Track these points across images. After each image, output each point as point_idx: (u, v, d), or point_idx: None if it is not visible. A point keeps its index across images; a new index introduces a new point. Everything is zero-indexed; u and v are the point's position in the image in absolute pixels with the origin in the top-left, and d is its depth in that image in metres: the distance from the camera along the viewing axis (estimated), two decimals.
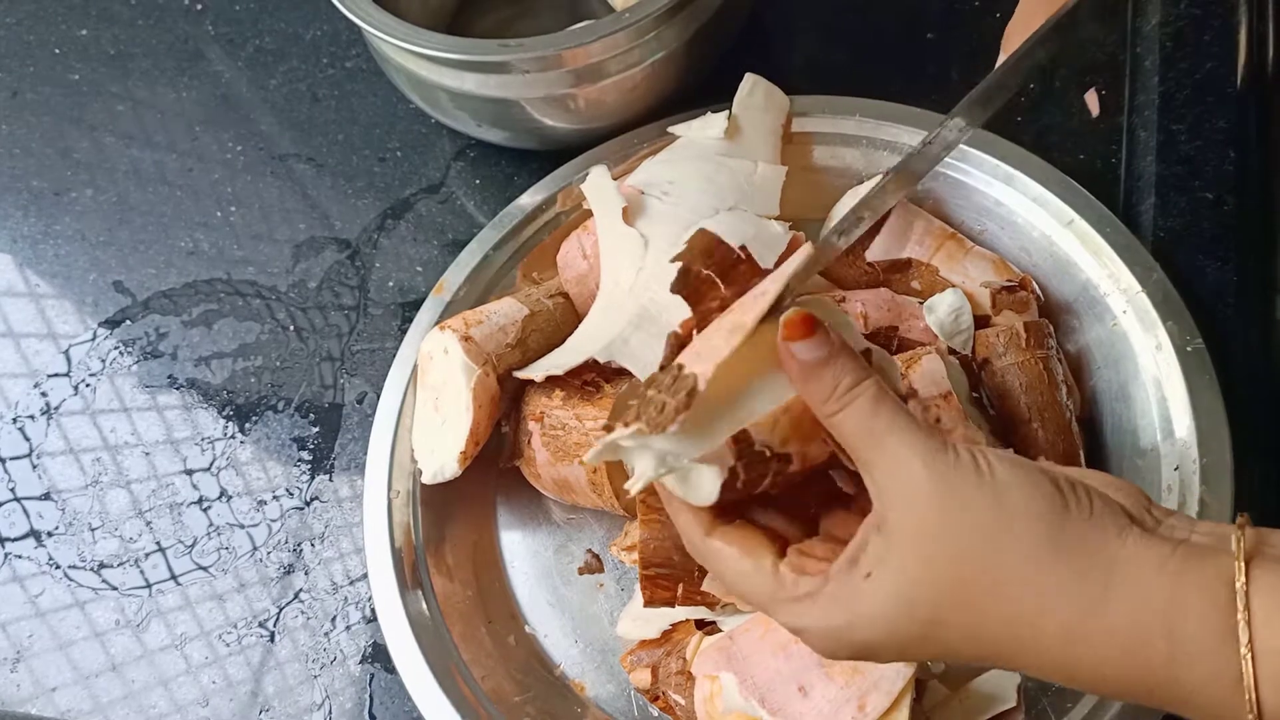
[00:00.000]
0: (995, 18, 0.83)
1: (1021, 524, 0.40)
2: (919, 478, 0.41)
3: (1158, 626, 0.38)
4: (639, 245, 0.66)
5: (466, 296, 0.72)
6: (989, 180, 0.70)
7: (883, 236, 0.69)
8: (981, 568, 0.40)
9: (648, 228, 0.67)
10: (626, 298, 0.65)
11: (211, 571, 0.71)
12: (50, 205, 0.87)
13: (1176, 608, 0.38)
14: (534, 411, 0.65)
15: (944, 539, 0.41)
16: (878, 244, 0.69)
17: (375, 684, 0.66)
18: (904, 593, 0.41)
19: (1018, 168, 0.69)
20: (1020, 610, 0.40)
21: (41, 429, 0.77)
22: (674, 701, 0.60)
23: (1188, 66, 0.75)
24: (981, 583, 0.40)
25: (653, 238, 0.66)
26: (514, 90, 0.73)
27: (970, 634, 0.41)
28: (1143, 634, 0.39)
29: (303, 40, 0.93)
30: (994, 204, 0.70)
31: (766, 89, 0.73)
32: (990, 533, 0.40)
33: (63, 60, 0.95)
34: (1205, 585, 0.38)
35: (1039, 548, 0.40)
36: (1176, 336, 0.63)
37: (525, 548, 0.69)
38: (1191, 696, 0.39)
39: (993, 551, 0.40)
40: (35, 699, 0.68)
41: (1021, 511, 0.40)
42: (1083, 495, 0.41)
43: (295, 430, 0.75)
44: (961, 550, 0.40)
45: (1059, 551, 0.40)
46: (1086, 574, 0.39)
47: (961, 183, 0.71)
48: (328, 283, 0.81)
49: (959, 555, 0.40)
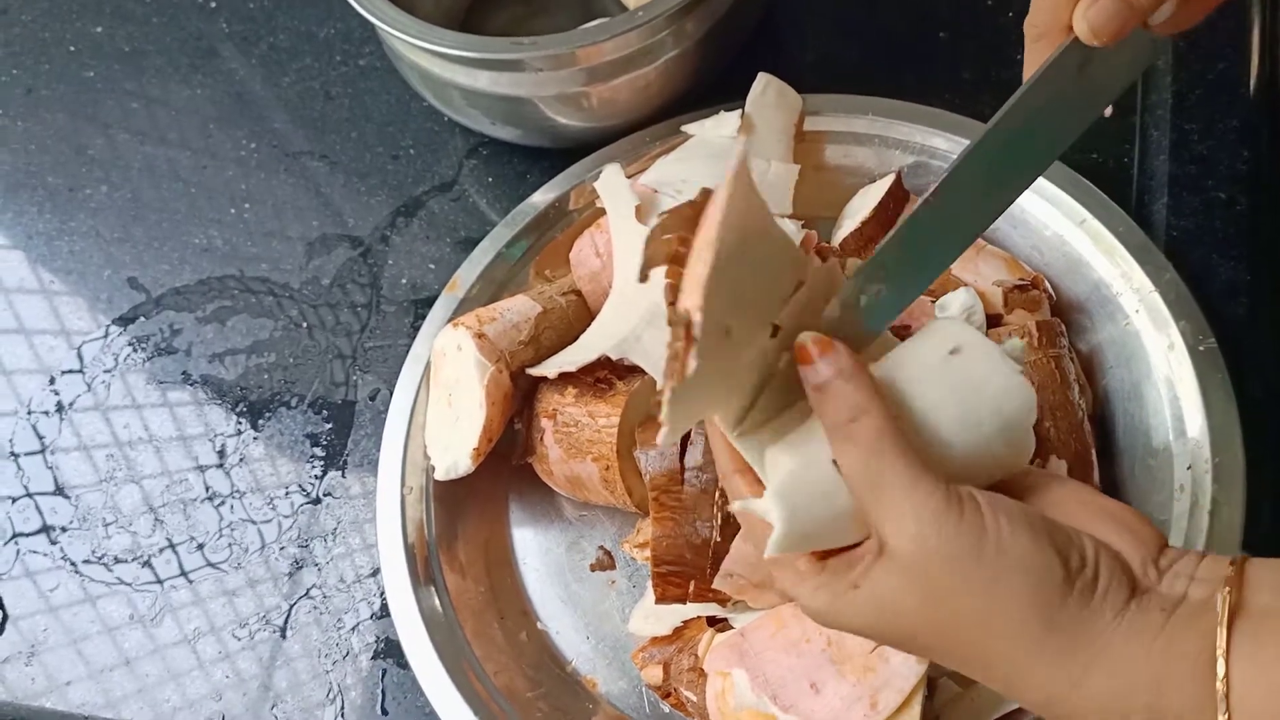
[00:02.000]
0: (1008, 16, 0.83)
1: (1016, 608, 0.40)
2: (917, 541, 0.40)
3: (1139, 702, 0.39)
4: None
5: (480, 294, 0.72)
6: None
7: None
8: (969, 640, 0.41)
9: None
10: (639, 295, 0.65)
11: (223, 567, 0.71)
12: (65, 202, 0.88)
13: (1160, 682, 0.39)
14: (546, 408, 0.65)
15: (934, 604, 0.41)
16: None
17: (387, 679, 0.66)
18: (884, 618, 0.42)
19: None
20: (1002, 674, 0.41)
21: (55, 425, 0.78)
22: (686, 698, 0.60)
23: (1200, 66, 0.75)
24: (966, 651, 0.41)
25: None
26: (527, 88, 0.73)
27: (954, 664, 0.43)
28: (1123, 708, 0.39)
29: (316, 38, 0.93)
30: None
31: (779, 88, 0.74)
32: (983, 616, 0.40)
33: (77, 57, 0.95)
34: (1189, 655, 0.38)
35: (1029, 626, 0.40)
36: (1189, 336, 0.63)
37: (537, 544, 0.69)
38: None
39: (983, 635, 0.41)
40: (49, 693, 0.69)
41: (1019, 593, 0.40)
42: (1090, 570, 0.40)
43: (308, 427, 0.75)
44: (951, 617, 0.41)
45: (1050, 631, 0.40)
46: (1074, 654, 0.40)
47: None
48: (340, 280, 0.81)
49: (948, 623, 0.41)
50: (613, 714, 0.63)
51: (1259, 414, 0.61)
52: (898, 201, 0.69)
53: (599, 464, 0.62)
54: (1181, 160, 0.72)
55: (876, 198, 0.69)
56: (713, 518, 0.57)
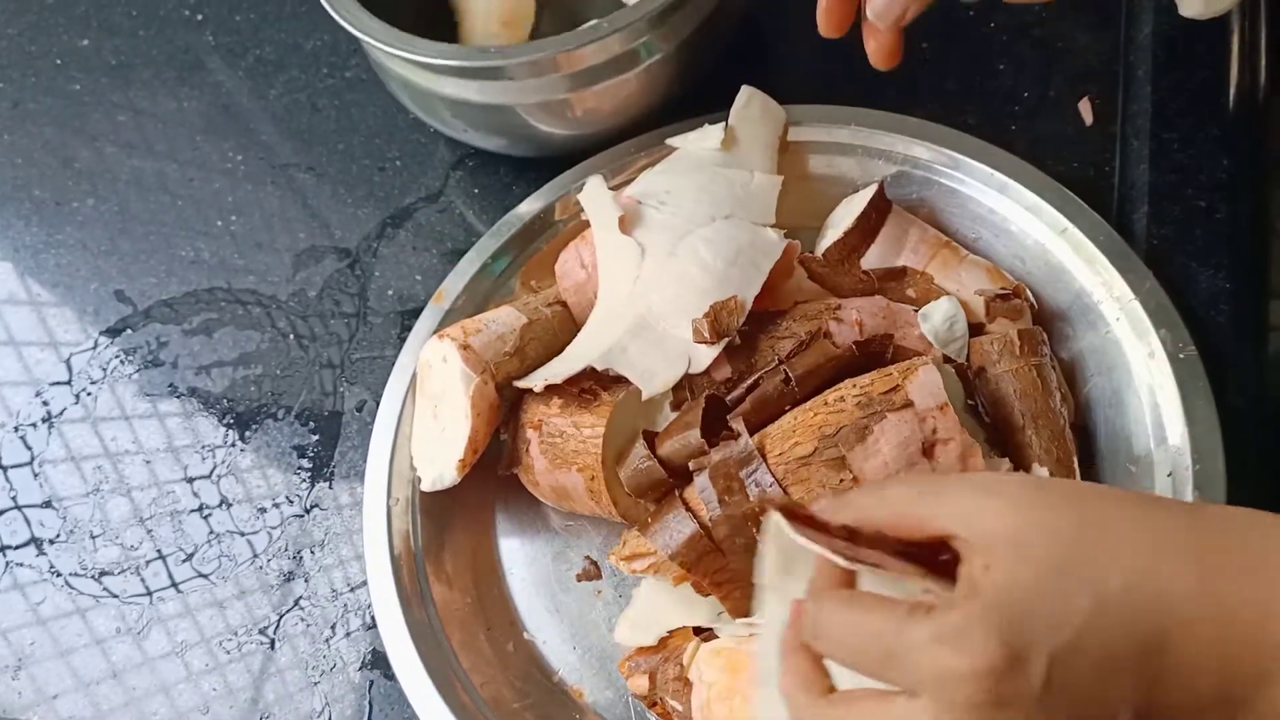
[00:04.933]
0: (990, 27, 0.84)
1: (1162, 514, 0.40)
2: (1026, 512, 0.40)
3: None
4: (636, 254, 0.67)
5: (465, 305, 0.72)
6: (983, 189, 0.71)
7: (878, 245, 0.69)
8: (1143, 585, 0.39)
9: (644, 236, 0.67)
10: (624, 306, 0.66)
11: (212, 579, 0.71)
12: (52, 215, 0.88)
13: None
14: (532, 419, 0.65)
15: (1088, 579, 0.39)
16: (873, 252, 0.69)
17: (375, 691, 0.66)
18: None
19: (1012, 176, 0.70)
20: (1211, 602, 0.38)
21: (43, 437, 0.78)
22: (671, 707, 0.60)
23: (1180, 75, 0.76)
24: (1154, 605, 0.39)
25: (649, 246, 0.67)
26: (509, 96, 0.74)
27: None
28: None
29: (302, 50, 0.94)
30: (988, 212, 0.71)
31: (763, 101, 0.74)
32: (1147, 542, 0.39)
33: (64, 71, 0.95)
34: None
35: (1178, 530, 0.40)
36: (1169, 344, 0.63)
37: (524, 554, 0.70)
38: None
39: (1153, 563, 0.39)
40: (37, 706, 0.69)
41: (1138, 507, 0.40)
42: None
43: (295, 438, 0.76)
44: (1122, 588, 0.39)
45: (1194, 525, 0.40)
46: (1224, 535, 0.39)
47: (956, 191, 0.72)
48: (328, 291, 0.81)
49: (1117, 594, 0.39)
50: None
51: (1239, 421, 0.62)
52: (880, 211, 0.70)
53: (584, 474, 0.63)
54: (1162, 169, 0.72)
55: (859, 207, 0.69)
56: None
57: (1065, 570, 0.38)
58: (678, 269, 0.66)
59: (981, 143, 0.71)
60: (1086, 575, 0.38)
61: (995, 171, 0.70)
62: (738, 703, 0.56)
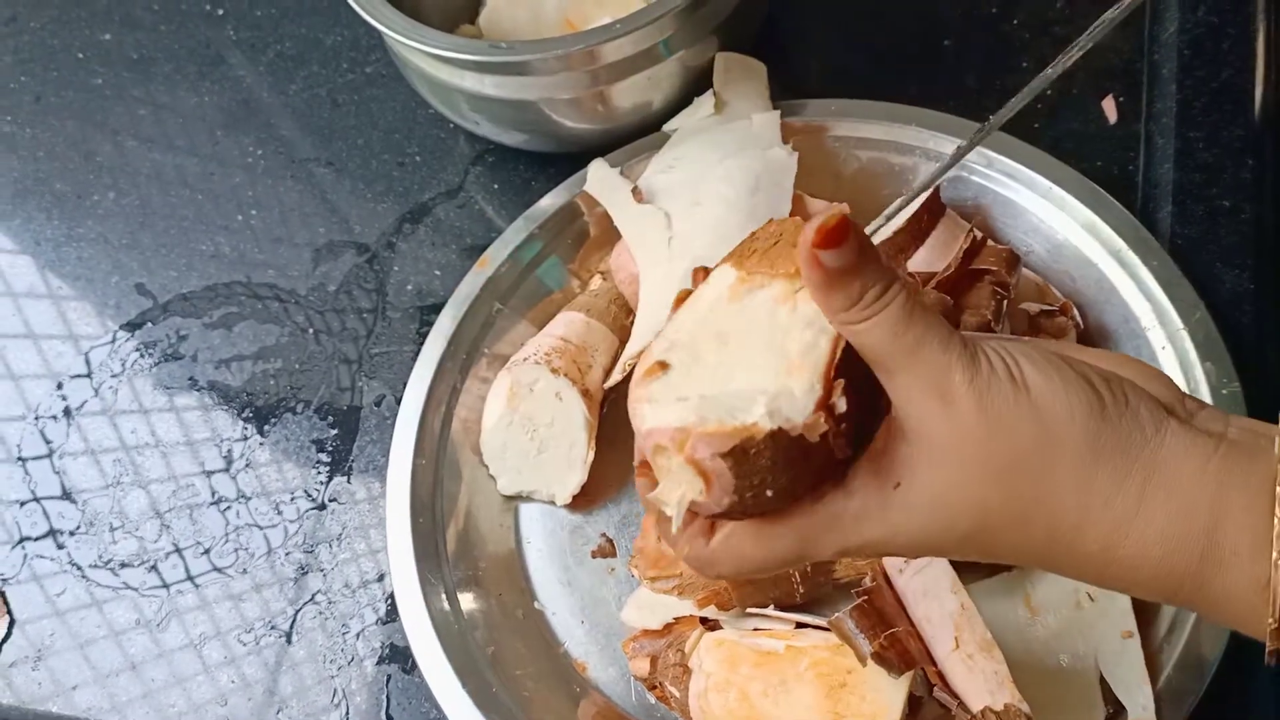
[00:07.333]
0: (1012, 24, 0.84)
1: (1064, 432, 0.39)
2: (957, 391, 0.40)
3: (1197, 530, 0.38)
4: (661, 218, 0.69)
5: (509, 272, 0.73)
6: (1042, 202, 0.70)
7: (926, 249, 0.68)
8: (1031, 480, 0.40)
9: (664, 202, 0.70)
10: (668, 269, 0.67)
11: (229, 572, 0.72)
12: (73, 208, 0.88)
13: (1218, 512, 0.38)
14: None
15: (988, 455, 0.40)
16: (920, 256, 0.68)
17: (392, 685, 0.66)
18: (941, 499, 0.41)
19: (1071, 192, 0.69)
20: (1064, 519, 0.40)
21: (62, 430, 0.78)
22: (669, 692, 0.60)
23: (1205, 74, 0.75)
24: (1029, 495, 0.40)
25: (672, 208, 0.69)
26: (532, 91, 0.74)
27: (1015, 544, 0.41)
28: (1181, 537, 0.38)
29: (323, 45, 0.94)
30: (1039, 222, 0.70)
31: (740, 60, 0.76)
32: (1037, 446, 0.39)
33: (86, 65, 0.96)
34: (1246, 487, 0.38)
35: (1081, 454, 0.39)
36: (1213, 377, 0.62)
37: (542, 525, 0.70)
38: (1218, 599, 0.39)
39: (1040, 465, 0.40)
40: (55, 697, 0.69)
41: (1063, 420, 0.39)
42: (1118, 391, 0.40)
43: (313, 432, 0.76)
44: (1009, 464, 0.40)
45: (1099, 455, 0.39)
46: (1127, 476, 0.39)
47: (1012, 201, 0.71)
48: (346, 286, 0.81)
49: (1007, 468, 0.40)
50: (600, 700, 0.64)
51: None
52: (933, 214, 0.68)
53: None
54: (1186, 168, 0.72)
55: (912, 208, 0.69)
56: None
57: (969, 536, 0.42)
58: (706, 215, 0.67)
59: (1041, 154, 0.71)
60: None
61: (1054, 185, 0.70)
62: (734, 696, 0.57)
